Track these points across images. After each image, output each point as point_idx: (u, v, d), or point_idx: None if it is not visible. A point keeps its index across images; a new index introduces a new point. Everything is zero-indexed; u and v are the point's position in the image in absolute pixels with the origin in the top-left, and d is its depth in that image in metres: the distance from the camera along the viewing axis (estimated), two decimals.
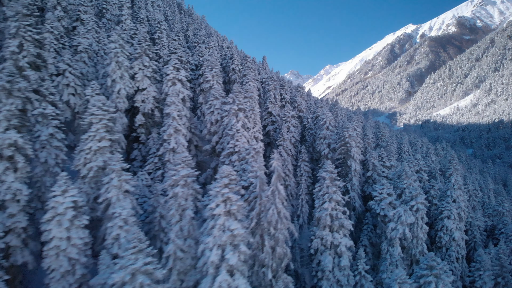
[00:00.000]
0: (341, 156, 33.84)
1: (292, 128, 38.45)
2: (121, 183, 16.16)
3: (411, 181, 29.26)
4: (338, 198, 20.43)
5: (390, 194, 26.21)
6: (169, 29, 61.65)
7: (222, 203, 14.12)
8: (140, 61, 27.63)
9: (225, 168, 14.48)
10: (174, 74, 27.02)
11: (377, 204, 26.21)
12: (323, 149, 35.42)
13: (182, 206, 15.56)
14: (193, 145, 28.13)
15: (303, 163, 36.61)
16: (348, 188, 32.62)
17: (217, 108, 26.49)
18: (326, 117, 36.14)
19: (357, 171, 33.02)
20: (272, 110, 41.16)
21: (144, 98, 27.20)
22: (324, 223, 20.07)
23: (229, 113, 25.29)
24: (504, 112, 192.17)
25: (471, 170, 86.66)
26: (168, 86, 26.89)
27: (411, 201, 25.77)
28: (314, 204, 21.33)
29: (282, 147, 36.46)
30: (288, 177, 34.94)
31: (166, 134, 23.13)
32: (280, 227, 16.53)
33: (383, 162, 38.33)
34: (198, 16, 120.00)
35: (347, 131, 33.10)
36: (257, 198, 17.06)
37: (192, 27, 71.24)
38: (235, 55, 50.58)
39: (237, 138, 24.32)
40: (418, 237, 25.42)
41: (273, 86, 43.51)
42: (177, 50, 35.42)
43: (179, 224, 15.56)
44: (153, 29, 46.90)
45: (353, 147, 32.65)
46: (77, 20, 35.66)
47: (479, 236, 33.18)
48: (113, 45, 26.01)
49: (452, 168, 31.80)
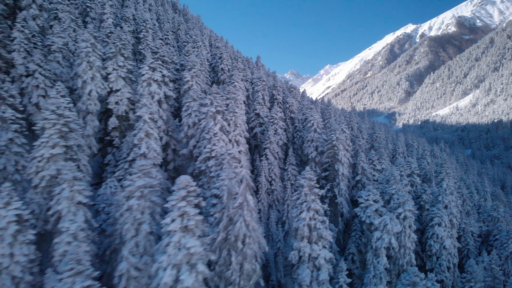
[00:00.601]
0: (328, 159, 32.49)
1: (280, 130, 37.08)
2: (73, 194, 14.79)
3: (400, 186, 27.89)
4: (317, 207, 19.05)
5: (377, 201, 24.82)
6: (160, 28, 60.34)
7: (178, 218, 12.75)
8: (114, 61, 26.28)
9: (183, 179, 13.11)
10: (149, 75, 25.65)
11: (363, 211, 24.83)
12: (311, 152, 34.06)
13: (138, 220, 14.19)
14: (170, 149, 26.75)
15: (291, 167, 35.27)
16: (335, 193, 31.30)
17: (194, 110, 25.12)
18: (314, 119, 34.77)
19: (345, 175, 31.66)
20: (260, 112, 39.81)
21: (118, 99, 25.85)
22: (301, 234, 18.69)
23: (207, 116, 23.92)
24: (504, 112, 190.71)
25: (468, 171, 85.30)
26: (143, 87, 25.51)
27: (398, 208, 24.38)
28: (292, 213, 19.95)
29: (268, 150, 35.13)
30: (274, 181, 33.58)
31: (137, 138, 21.75)
32: (248, 242, 15.16)
33: (373, 166, 37.01)
34: (193, 15, 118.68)
35: (335, 133, 31.74)
36: (225, 210, 15.69)
37: (183, 26, 69.89)
38: (224, 54, 49.26)
39: (214, 142, 22.96)
40: (406, 246, 24.04)
41: (261, 86, 42.13)
42: (159, 50, 33.97)
43: (135, 240, 14.19)
44: (139, 28, 45.58)
45: (341, 150, 31.28)
46: (54, 19, 34.30)
47: (472, 243, 31.80)
48: (84, 44, 24.65)
49: (444, 173, 30.40)
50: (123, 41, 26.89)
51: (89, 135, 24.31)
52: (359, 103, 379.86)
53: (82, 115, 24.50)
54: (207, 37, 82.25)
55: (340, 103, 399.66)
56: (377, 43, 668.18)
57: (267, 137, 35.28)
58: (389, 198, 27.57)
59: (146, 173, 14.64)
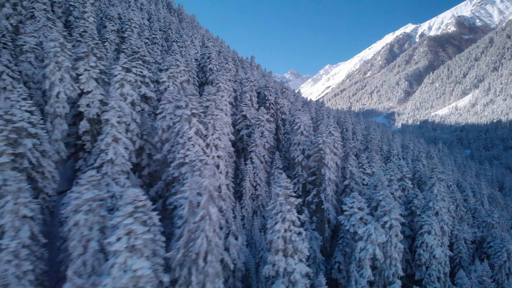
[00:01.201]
0: (315, 163, 31.16)
1: (267, 133, 35.77)
2: (18, 207, 13.47)
3: (388, 192, 26.56)
4: (293, 218, 17.70)
5: (362, 208, 23.45)
6: (150, 27, 59.00)
7: (124, 237, 11.42)
8: (86, 61, 24.93)
9: (130, 192, 11.79)
10: (122, 75, 24.33)
11: (347, 219, 23.48)
12: (297, 155, 32.72)
13: (86, 236, 12.86)
14: (145, 154, 25.44)
15: (277, 171, 33.95)
16: (321, 199, 29.97)
17: (169, 112, 23.79)
18: (300, 121, 33.43)
19: (332, 180, 30.32)
20: (247, 113, 38.48)
21: (89, 101, 24.52)
22: (276, 246, 17.35)
23: (181, 119, 22.59)
24: (503, 112, 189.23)
25: (466, 173, 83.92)
26: (115, 88, 24.19)
27: (384, 217, 23.04)
28: (267, 224, 18.61)
29: (254, 154, 33.81)
30: (259, 186, 32.24)
31: (104, 143, 20.43)
32: (210, 259, 13.84)
33: (363, 169, 35.70)
34: (188, 15, 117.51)
35: (321, 136, 30.41)
36: (186, 224, 14.36)
37: (175, 26, 68.61)
38: (213, 54, 47.98)
39: (188, 147, 21.61)
40: (392, 257, 22.70)
41: (249, 87, 40.81)
42: (140, 49, 32.66)
43: (82, 258, 12.86)
44: (124, 27, 44.26)
45: (327, 154, 29.94)
46: (31, 18, 32.99)
47: (465, 251, 30.47)
48: (53, 44, 23.32)
49: (435, 177, 29.04)
50: (96, 40, 25.54)
51: (57, 140, 22.99)
52: (358, 103, 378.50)
53: (50, 119, 23.19)
54: (200, 36, 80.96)
55: (339, 103, 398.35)
56: (376, 43, 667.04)
57: (253, 140, 33.97)
58: (377, 204, 26.25)
59: (96, 185, 13.30)
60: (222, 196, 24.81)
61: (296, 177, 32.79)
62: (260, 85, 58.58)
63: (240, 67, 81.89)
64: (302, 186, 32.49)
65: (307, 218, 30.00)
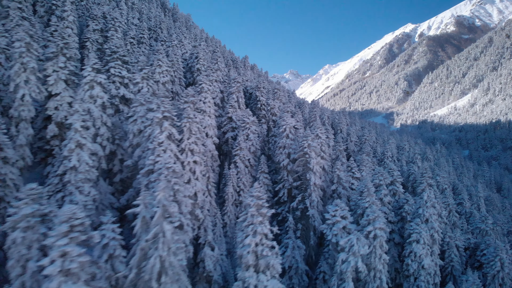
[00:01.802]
0: (300, 168, 29.86)
1: (252, 136, 34.46)
2: None
3: (375, 199, 25.25)
4: (265, 231, 16.41)
5: (345, 217, 22.16)
6: (139, 27, 57.63)
7: (58, 259, 10.13)
8: (55, 61, 23.64)
9: (66, 209, 10.50)
10: (92, 77, 23.03)
11: (329, 228, 22.19)
12: (283, 159, 31.43)
13: (25, 256, 11.57)
14: (117, 159, 24.12)
15: (263, 175, 32.67)
16: (307, 205, 28.67)
17: (141, 115, 22.49)
18: (286, 123, 32.14)
19: (318, 185, 29.02)
20: (233, 115, 37.16)
21: (58, 104, 23.25)
22: (246, 262, 16.05)
23: (152, 122, 21.29)
24: (502, 112, 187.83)
25: (463, 174, 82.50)
26: (85, 90, 22.89)
27: (368, 226, 21.73)
28: (237, 237, 17.31)
29: (238, 157, 32.52)
30: (243, 192, 30.93)
31: (67, 149, 19.13)
32: (165, 281, 12.54)
33: (352, 173, 34.40)
34: (183, 14, 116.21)
35: (306, 140, 29.11)
36: (140, 241, 13.06)
37: (165, 25, 67.29)
38: (200, 54, 46.66)
39: (159, 153, 20.30)
40: (377, 269, 21.41)
41: (235, 88, 39.48)
42: (119, 49, 31.40)
43: (21, 279, 11.57)
44: (107, 27, 42.94)
45: (313, 158, 28.65)
46: (5, 18, 31.69)
47: (457, 259, 29.14)
48: (18, 44, 22.03)
49: (425, 183, 27.76)
50: (66, 40, 24.23)
51: (22, 145, 21.72)
52: (357, 103, 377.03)
53: (14, 123, 21.91)
54: (193, 36, 79.71)
55: (339, 103, 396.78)
56: (376, 43, 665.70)
57: (237, 143, 32.67)
58: (362, 212, 24.94)
59: (36, 199, 12.00)
60: (198, 204, 23.52)
61: (282, 182, 31.51)
62: (252, 86, 57.37)
63: (233, 67, 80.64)
64: (288, 191, 31.20)
65: (292, 225, 28.83)
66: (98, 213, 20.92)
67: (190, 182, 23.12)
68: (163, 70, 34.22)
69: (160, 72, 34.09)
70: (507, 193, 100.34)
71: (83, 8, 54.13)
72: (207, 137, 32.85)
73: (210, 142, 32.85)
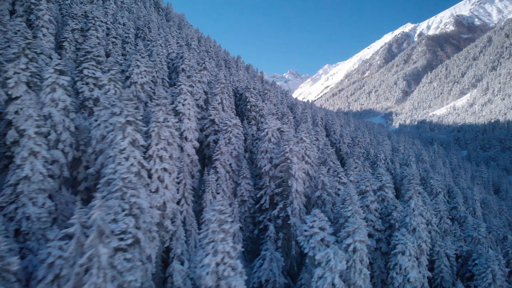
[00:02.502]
0: (281, 174, 28.38)
1: (234, 139, 33.00)
2: None
3: (358, 208, 23.74)
4: (227, 249, 14.91)
5: (323, 228, 20.65)
6: (124, 26, 56.10)
7: None
8: (16, 63, 22.16)
9: None
10: (53, 78, 21.54)
11: (307, 240, 20.70)
12: (264, 164, 29.97)
13: None
14: (82, 166, 22.63)
15: (244, 181, 31.22)
16: (288, 213, 27.19)
17: (104, 120, 21.03)
18: (268, 126, 30.67)
19: (300, 192, 27.55)
20: (215, 118, 35.67)
21: (18, 108, 21.75)
22: (205, 284, 14.56)
23: (115, 127, 19.80)
24: (501, 112, 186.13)
25: (460, 176, 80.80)
26: (46, 93, 21.41)
27: (347, 238, 20.24)
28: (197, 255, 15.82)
29: (219, 162, 31.02)
30: (222, 199, 29.36)
31: (20, 157, 17.66)
32: None
33: (338, 178, 32.94)
34: (176, 14, 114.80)
35: (288, 144, 27.63)
36: (74, 266, 11.58)
37: (154, 24, 65.75)
38: (186, 54, 45.21)
39: (119, 161, 18.80)
40: (356, 285, 19.90)
41: (219, 89, 37.99)
42: (93, 49, 29.94)
43: None
44: (87, 26, 41.46)
45: (294, 163, 27.17)
46: None
47: (447, 270, 27.66)
48: None
49: (412, 190, 26.27)
50: (29, 40, 22.75)
51: None
52: (356, 103, 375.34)
53: None
54: (184, 35, 78.16)
55: (337, 103, 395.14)
56: (375, 43, 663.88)
57: (218, 147, 31.19)
58: (345, 221, 23.45)
59: None
60: (167, 214, 22.03)
61: (264, 188, 30.05)
62: (242, 86, 55.92)
63: (225, 68, 79.11)
64: (270, 198, 29.73)
65: (273, 235, 27.36)
66: (58, 226, 19.49)
67: (158, 191, 21.63)
68: (142, 70, 32.73)
69: (138, 72, 32.61)
70: (505, 195, 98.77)
71: (67, 7, 52.67)
72: (186, 141, 31.43)
73: (189, 146, 31.42)
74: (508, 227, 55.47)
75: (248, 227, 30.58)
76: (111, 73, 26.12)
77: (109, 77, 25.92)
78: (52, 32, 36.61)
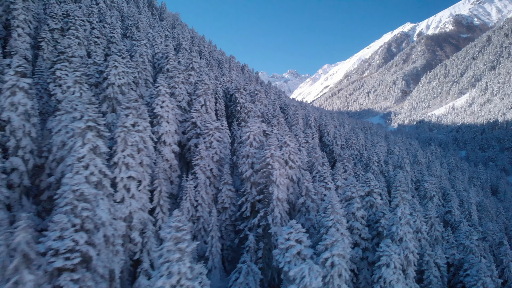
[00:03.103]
0: (262, 180, 26.97)
1: (216, 143, 31.58)
2: None
3: (341, 217, 22.34)
4: (183, 270, 13.47)
5: (300, 241, 19.20)
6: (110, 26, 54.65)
7: None
8: None
9: None
10: (13, 81, 20.13)
11: (282, 254, 19.27)
12: (245, 170, 28.56)
13: None
14: (45, 174, 21.21)
15: (226, 187, 29.80)
16: (268, 222, 25.78)
17: (65, 125, 19.62)
18: (249, 130, 29.24)
19: (281, 199, 26.15)
20: (197, 120, 34.24)
21: None
22: None
23: (74, 133, 18.39)
24: (500, 112, 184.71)
25: (457, 177, 79.41)
26: (6, 97, 20.00)
27: (325, 252, 18.81)
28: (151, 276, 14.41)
29: (198, 167, 29.58)
30: (201, 206, 27.99)
31: None
32: None
33: (325, 183, 31.54)
34: (170, 13, 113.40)
35: (269, 149, 26.22)
36: None
37: (144, 24, 64.36)
38: (170, 54, 43.78)
39: (77, 170, 17.40)
40: None
41: (203, 90, 36.54)
42: (67, 49, 28.55)
43: None
44: (68, 26, 40.03)
45: (276, 169, 25.76)
46: None
47: (436, 281, 26.26)
48: None
49: (399, 197, 24.86)
50: None
51: None
52: (355, 103, 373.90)
53: None
54: (175, 35, 76.72)
55: (336, 103, 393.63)
56: (375, 42, 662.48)
57: (198, 152, 29.76)
58: (326, 231, 22.03)
59: None
60: (134, 226, 20.61)
61: (245, 194, 28.61)
62: (233, 87, 54.52)
63: (217, 68, 77.66)
64: (251, 205, 28.30)
65: (253, 245, 25.96)
66: None
67: (124, 201, 20.22)
68: (120, 71, 31.28)
69: (116, 73, 31.15)
70: (503, 196, 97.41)
71: (52, 6, 51.23)
72: (164, 145, 30.02)
73: (168, 150, 30.02)
74: (505, 231, 54.10)
75: (229, 236, 29.17)
76: (76, 74, 24.67)
77: (75, 79, 24.48)
78: (28, 32, 35.23)
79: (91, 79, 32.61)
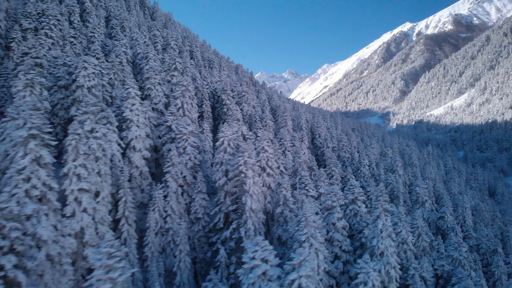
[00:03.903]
0: (236, 189, 25.25)
1: (190, 149, 29.86)
2: None
3: (314, 231, 20.63)
4: None
5: (266, 260, 17.51)
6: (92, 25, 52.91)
7: None
8: None
9: None
10: None
11: (246, 275, 17.56)
12: (219, 178, 26.81)
13: None
14: None
15: (199, 196, 28.03)
16: (241, 235, 24.06)
17: (9, 133, 17.90)
18: (224, 135, 27.52)
19: (256, 210, 24.44)
20: (172, 124, 32.49)
21: None
22: None
23: (16, 143, 16.67)
24: (499, 112, 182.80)
25: (453, 180, 77.72)
26: None
27: (292, 273, 17.04)
28: None
29: (170, 175, 27.84)
30: (170, 217, 26.20)
31: None
32: None
33: (306, 191, 29.83)
34: (163, 12, 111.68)
35: (243, 156, 24.51)
36: None
37: (129, 24, 62.59)
38: (150, 54, 42.00)
39: (17, 183, 15.71)
40: None
41: (180, 92, 34.82)
42: (32, 50, 26.85)
43: None
44: (41, 25, 38.31)
45: (249, 178, 24.07)
46: None
47: None
48: None
49: (380, 208, 23.12)
50: None
51: None
52: (353, 103, 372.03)
53: None
54: (165, 35, 74.92)
55: (335, 103, 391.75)
56: (374, 42, 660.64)
57: (169, 158, 28.01)
58: (298, 246, 20.33)
59: None
60: (86, 242, 18.88)
61: (219, 204, 26.88)
62: (220, 88, 52.85)
63: (207, 68, 75.91)
64: (225, 216, 26.57)
65: (224, 259, 24.24)
66: None
67: (74, 216, 18.50)
68: (89, 73, 29.60)
69: (86, 75, 29.47)
70: (500, 198, 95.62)
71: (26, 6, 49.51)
72: (134, 151, 28.32)
73: (138, 156, 28.32)
74: (500, 236, 52.30)
75: (202, 248, 27.42)
76: (27, 77, 22.92)
77: (25, 82, 22.72)
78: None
79: (61, 81, 30.94)
